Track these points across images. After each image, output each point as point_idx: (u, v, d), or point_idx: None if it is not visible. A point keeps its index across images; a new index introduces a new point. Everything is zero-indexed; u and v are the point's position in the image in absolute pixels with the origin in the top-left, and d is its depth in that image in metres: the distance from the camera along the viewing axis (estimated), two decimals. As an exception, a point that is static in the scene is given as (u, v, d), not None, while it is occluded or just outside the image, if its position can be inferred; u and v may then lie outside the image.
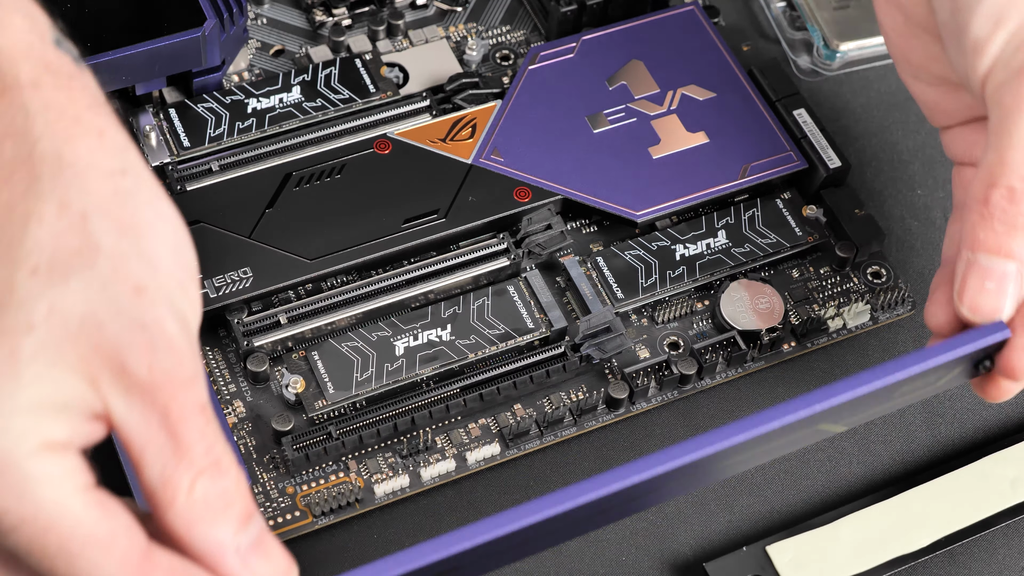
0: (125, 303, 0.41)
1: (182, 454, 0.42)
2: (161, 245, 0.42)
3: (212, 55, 0.60)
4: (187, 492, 0.42)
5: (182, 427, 0.42)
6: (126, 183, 0.42)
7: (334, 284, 0.59)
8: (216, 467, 0.42)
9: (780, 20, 0.68)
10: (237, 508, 0.43)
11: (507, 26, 0.68)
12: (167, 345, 0.41)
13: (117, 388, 0.41)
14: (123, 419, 0.41)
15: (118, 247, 0.41)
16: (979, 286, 0.49)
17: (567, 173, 0.61)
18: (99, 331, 0.41)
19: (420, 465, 0.56)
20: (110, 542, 0.41)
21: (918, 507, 0.56)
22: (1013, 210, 0.48)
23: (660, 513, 0.56)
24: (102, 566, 0.41)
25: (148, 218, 0.42)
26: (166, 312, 0.42)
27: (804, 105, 0.64)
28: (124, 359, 0.41)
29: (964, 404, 0.60)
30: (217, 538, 0.42)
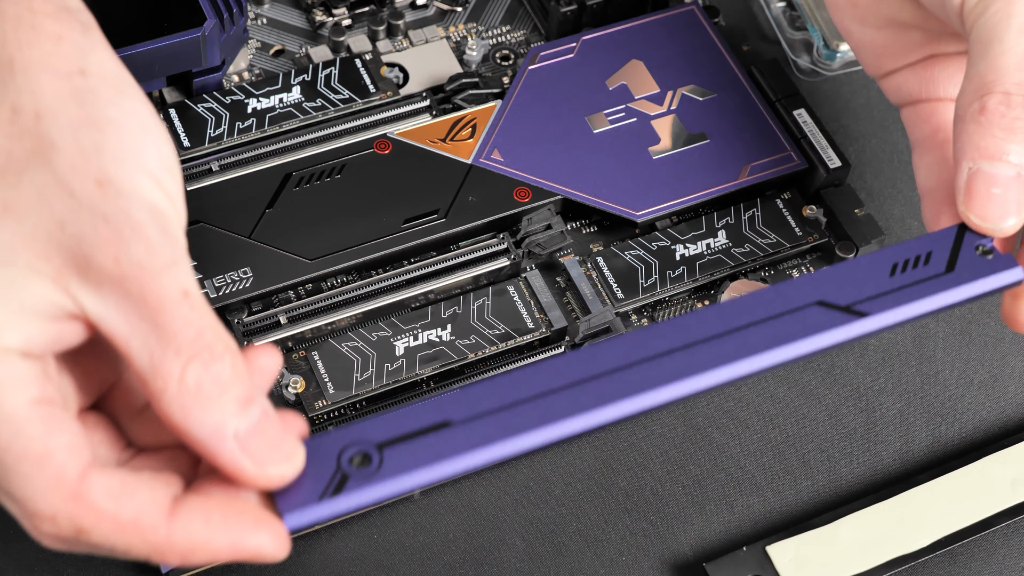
0: (86, 198, 0.41)
1: (168, 342, 0.41)
2: (126, 139, 0.42)
3: (212, 55, 0.60)
4: (178, 380, 0.41)
5: (163, 315, 0.41)
6: (85, 82, 0.42)
7: (334, 284, 0.59)
8: (208, 352, 0.41)
9: (780, 20, 0.68)
10: (234, 393, 0.42)
11: (507, 26, 0.68)
12: (134, 234, 0.41)
13: (86, 285, 0.41)
14: (99, 315, 0.41)
15: (76, 144, 0.41)
16: (986, 193, 0.50)
17: (567, 173, 0.61)
18: (60, 229, 0.41)
19: (420, 465, 0.56)
20: (45, 459, 0.41)
21: (918, 507, 0.56)
22: (1011, 115, 0.49)
23: (660, 513, 0.56)
24: (33, 481, 0.41)
25: (111, 115, 0.42)
26: (130, 203, 0.41)
27: (804, 105, 0.64)
28: (89, 254, 0.40)
29: (964, 404, 0.60)
30: (213, 424, 0.42)
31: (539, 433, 0.45)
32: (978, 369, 0.61)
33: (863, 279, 0.50)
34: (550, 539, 0.56)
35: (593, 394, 0.46)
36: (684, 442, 0.58)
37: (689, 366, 0.47)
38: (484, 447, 0.45)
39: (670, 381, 0.46)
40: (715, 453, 0.58)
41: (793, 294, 0.49)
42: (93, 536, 0.41)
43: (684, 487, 0.57)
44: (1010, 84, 0.49)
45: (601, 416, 0.46)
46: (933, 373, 0.61)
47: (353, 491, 0.43)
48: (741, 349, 0.48)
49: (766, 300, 0.49)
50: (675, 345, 0.47)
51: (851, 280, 0.50)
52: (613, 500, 0.57)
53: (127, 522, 0.41)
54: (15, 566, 0.53)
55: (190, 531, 0.42)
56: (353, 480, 0.43)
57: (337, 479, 0.44)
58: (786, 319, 0.48)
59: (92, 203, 0.41)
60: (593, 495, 0.57)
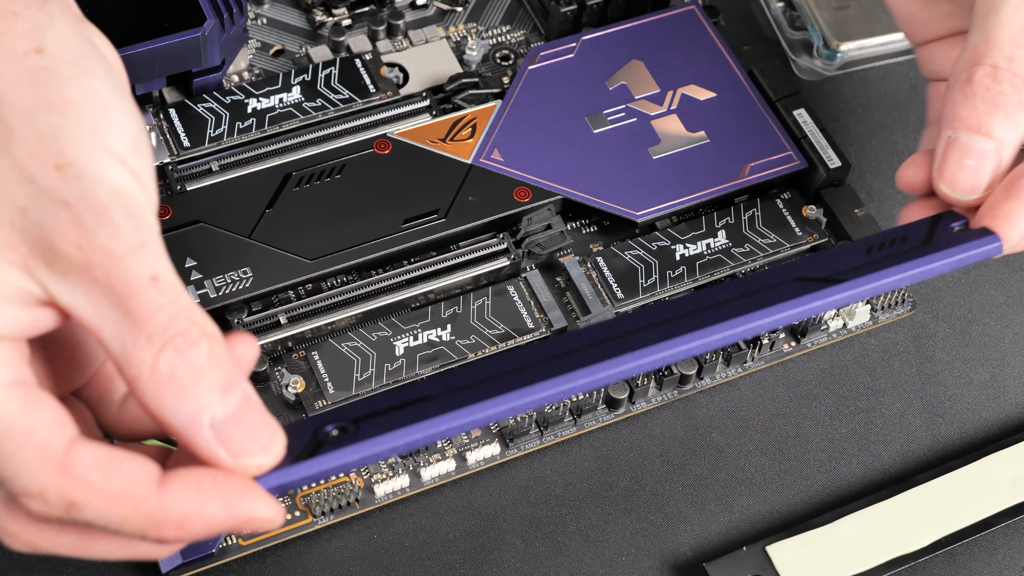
0: (45, 184, 0.40)
1: (139, 329, 0.40)
2: (86, 119, 0.41)
3: (212, 55, 0.61)
4: (151, 368, 0.40)
5: (132, 301, 0.40)
6: (42, 61, 0.41)
7: (334, 284, 0.59)
8: (183, 338, 0.40)
9: (780, 20, 0.68)
10: (211, 380, 0.41)
11: (507, 26, 0.68)
12: (97, 219, 0.40)
13: (53, 272, 0.40)
14: (69, 303, 0.40)
15: (34, 128, 0.40)
16: (959, 163, 0.50)
17: (567, 173, 0.61)
18: (22, 216, 0.40)
19: (420, 465, 0.56)
20: (27, 434, 0.40)
21: (918, 507, 0.56)
22: (996, 88, 0.50)
23: (660, 513, 0.56)
24: (18, 458, 0.40)
25: (70, 95, 0.41)
26: (93, 186, 0.40)
27: (804, 105, 0.64)
28: (52, 241, 0.40)
29: (964, 404, 0.60)
30: (188, 412, 0.41)
31: (512, 399, 0.45)
32: (978, 369, 0.61)
33: (840, 260, 0.50)
34: (550, 539, 0.56)
35: (568, 363, 0.46)
36: (684, 442, 0.58)
37: (663, 335, 0.47)
38: (456, 413, 0.44)
39: (644, 349, 0.46)
40: (715, 453, 0.58)
41: (771, 275, 0.49)
42: (85, 511, 0.40)
43: (684, 487, 0.57)
44: (1000, 58, 0.50)
45: (573, 384, 0.46)
46: (933, 373, 0.61)
47: (327, 454, 0.43)
48: (718, 317, 0.47)
49: (744, 282, 0.49)
50: (652, 321, 0.47)
51: (828, 261, 0.50)
52: (613, 500, 0.57)
53: (118, 493, 0.41)
54: (15, 566, 0.53)
55: (183, 499, 0.41)
56: (328, 446, 0.43)
57: (312, 447, 0.43)
58: (765, 293, 0.48)
59: (52, 188, 0.40)
60: (593, 495, 0.57)
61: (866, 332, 0.61)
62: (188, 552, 0.52)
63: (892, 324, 0.62)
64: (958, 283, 0.63)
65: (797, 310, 0.48)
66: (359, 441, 0.43)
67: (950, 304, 0.63)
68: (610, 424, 0.58)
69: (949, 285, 0.63)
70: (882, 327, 0.62)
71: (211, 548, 0.53)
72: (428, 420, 0.44)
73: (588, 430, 0.58)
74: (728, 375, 0.59)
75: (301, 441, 0.43)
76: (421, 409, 0.45)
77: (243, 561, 0.54)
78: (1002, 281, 0.64)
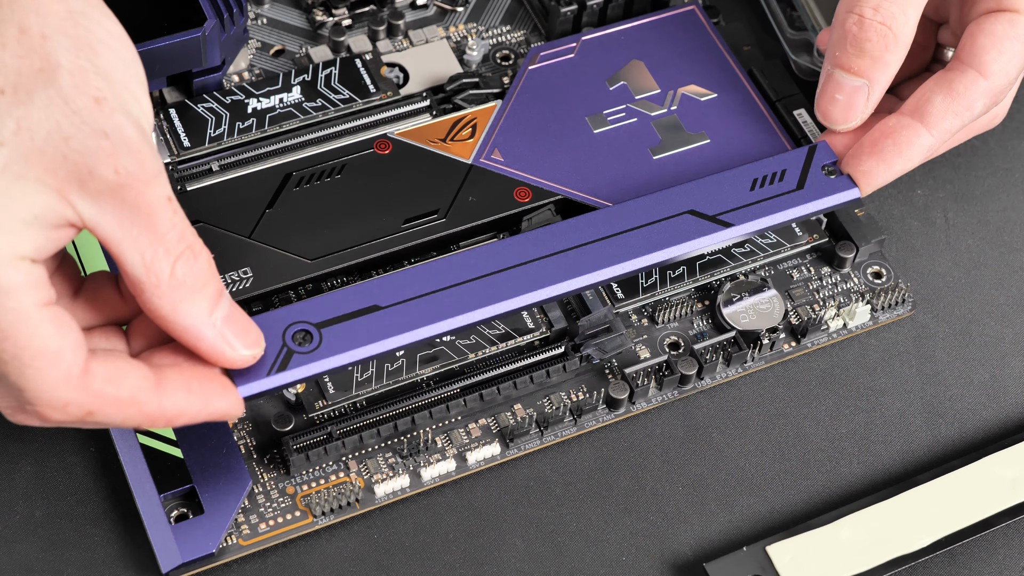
0: (87, 115, 0.45)
1: (159, 241, 0.46)
2: (114, 59, 0.46)
3: (212, 55, 0.60)
4: (168, 275, 0.47)
5: (154, 218, 0.46)
6: (77, 4, 0.46)
7: (334, 284, 0.59)
8: (191, 251, 0.47)
9: (780, 20, 0.68)
10: (211, 287, 0.48)
11: (507, 26, 0.68)
12: (128, 148, 0.45)
13: (86, 194, 0.45)
14: (96, 221, 0.45)
15: (76, 63, 0.45)
16: (831, 97, 0.58)
17: (567, 173, 0.61)
18: (65, 143, 0.44)
19: (420, 465, 0.56)
20: (58, 356, 0.45)
21: (918, 507, 0.56)
22: (861, 35, 0.57)
23: (660, 513, 0.56)
24: (48, 377, 0.45)
25: (100, 36, 0.46)
26: (124, 119, 0.45)
27: (804, 105, 0.64)
28: (91, 166, 0.45)
29: (964, 404, 0.60)
30: (198, 314, 0.48)
31: (449, 321, 0.54)
32: (978, 369, 0.61)
33: (728, 192, 0.58)
34: (550, 539, 0.56)
35: (494, 287, 0.55)
36: (684, 442, 0.58)
37: (583, 264, 0.56)
38: (406, 331, 0.53)
39: (564, 278, 0.55)
40: (715, 453, 0.58)
41: (668, 202, 0.58)
42: (98, 416, 0.47)
43: (684, 487, 0.57)
44: (867, 8, 0.57)
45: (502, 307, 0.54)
46: (933, 373, 0.61)
47: (296, 367, 0.51)
48: (625, 251, 0.56)
49: (646, 206, 0.57)
50: (571, 245, 0.56)
51: (719, 195, 0.58)
52: (613, 500, 0.57)
53: (126, 400, 0.47)
54: (15, 566, 0.53)
55: (175, 400, 0.48)
56: (296, 357, 0.51)
57: (283, 355, 0.52)
58: (663, 225, 0.57)
59: (93, 119, 0.45)
60: (593, 495, 0.57)
61: (866, 332, 0.61)
62: (188, 552, 0.52)
63: (892, 324, 0.62)
64: (958, 283, 0.63)
65: (692, 250, 0.57)
66: (323, 357, 0.52)
67: (950, 304, 0.63)
68: (610, 424, 0.58)
69: (949, 285, 0.63)
70: (882, 327, 0.62)
71: (211, 548, 0.53)
72: (384, 339, 0.53)
73: (588, 430, 0.58)
74: (728, 375, 0.59)
75: (271, 339, 0.52)
76: (376, 321, 0.53)
77: (243, 561, 0.54)
78: (1002, 281, 0.64)
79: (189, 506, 0.54)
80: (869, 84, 0.57)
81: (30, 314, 0.45)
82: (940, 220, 0.65)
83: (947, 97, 0.57)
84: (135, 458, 0.54)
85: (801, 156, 0.59)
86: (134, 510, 0.54)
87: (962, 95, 0.57)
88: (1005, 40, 0.57)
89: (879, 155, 0.58)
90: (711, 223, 0.57)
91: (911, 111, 0.58)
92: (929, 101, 0.58)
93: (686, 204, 0.58)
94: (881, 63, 0.57)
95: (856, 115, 0.58)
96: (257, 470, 0.55)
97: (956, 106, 0.57)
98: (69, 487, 0.55)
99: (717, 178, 0.58)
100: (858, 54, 0.57)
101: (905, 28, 0.57)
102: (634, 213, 0.57)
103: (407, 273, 0.54)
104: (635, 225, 0.57)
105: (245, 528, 0.54)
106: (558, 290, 0.55)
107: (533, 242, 0.56)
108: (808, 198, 0.58)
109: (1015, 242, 0.65)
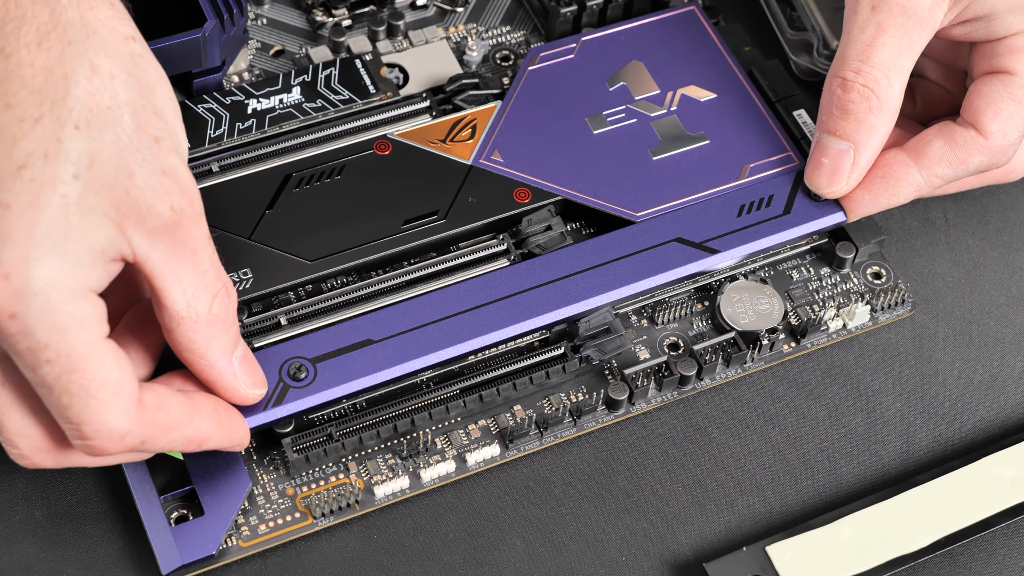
0: (148, 152, 0.47)
1: (200, 278, 0.48)
2: (167, 100, 0.49)
3: (212, 56, 0.61)
4: (207, 311, 0.49)
5: (198, 256, 0.48)
6: (137, 47, 0.48)
7: (334, 285, 0.59)
8: (226, 290, 0.49)
9: (780, 20, 0.68)
10: (236, 327, 0.50)
11: (507, 27, 0.68)
12: (181, 187, 0.47)
13: (143, 229, 0.47)
14: (147, 256, 0.47)
15: (138, 103, 0.47)
16: (817, 161, 0.59)
17: (567, 174, 0.61)
18: (129, 179, 0.46)
19: (420, 466, 0.56)
20: (120, 387, 0.46)
21: (918, 507, 0.56)
22: (845, 97, 0.58)
23: (660, 513, 0.57)
24: (111, 407, 0.46)
25: (155, 78, 0.48)
26: (177, 159, 0.48)
27: (804, 105, 0.64)
28: (151, 202, 0.47)
29: (964, 404, 0.60)
30: (224, 351, 0.50)
31: (440, 353, 0.55)
32: (978, 369, 0.61)
33: (714, 218, 0.59)
34: (550, 539, 0.56)
35: (483, 318, 0.56)
36: (684, 442, 0.58)
37: (572, 294, 0.57)
38: (398, 363, 0.55)
39: (553, 308, 0.57)
40: (715, 453, 0.58)
41: (655, 231, 0.59)
42: (148, 444, 0.48)
43: (684, 487, 0.57)
44: (848, 71, 0.57)
45: (492, 338, 0.56)
46: (933, 373, 0.61)
47: (292, 401, 0.54)
48: (613, 280, 0.57)
49: (634, 234, 0.59)
50: (560, 275, 0.57)
51: (705, 223, 0.59)
52: (613, 500, 0.57)
53: (172, 426, 0.49)
54: (15, 566, 0.54)
55: (205, 428, 0.50)
56: (292, 392, 0.54)
57: (279, 390, 0.54)
58: (650, 253, 0.58)
59: (153, 157, 0.47)
60: (593, 495, 0.57)
61: (866, 332, 0.61)
62: (188, 554, 0.53)
63: (892, 324, 0.62)
64: (958, 283, 0.63)
65: (680, 275, 0.58)
66: (318, 391, 0.54)
67: (950, 304, 0.63)
68: (610, 425, 0.58)
69: (949, 285, 0.63)
70: (882, 327, 0.62)
71: (211, 550, 0.53)
72: (377, 372, 0.55)
73: (588, 431, 0.58)
74: (728, 375, 0.59)
75: (268, 374, 0.54)
76: (369, 355, 0.55)
77: (243, 562, 0.54)
78: (1002, 281, 0.64)
79: (189, 507, 0.54)
80: (855, 148, 0.58)
81: (97, 346, 0.46)
82: (940, 220, 0.65)
83: (946, 145, 0.58)
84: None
85: (789, 181, 0.61)
86: (134, 511, 0.54)
87: (960, 147, 0.58)
88: (1001, 101, 0.58)
89: (867, 185, 0.59)
90: (698, 250, 0.58)
91: (910, 148, 0.59)
92: (929, 144, 0.59)
93: (673, 232, 0.59)
94: (866, 126, 0.57)
95: (841, 180, 0.59)
96: (257, 471, 0.55)
97: (952, 156, 0.58)
98: (69, 487, 0.56)
99: (704, 205, 0.60)
100: (842, 116, 0.58)
101: (889, 92, 0.57)
102: (621, 242, 0.58)
103: (399, 308, 0.56)
104: (623, 254, 0.58)
105: (245, 529, 0.54)
106: (548, 319, 0.57)
107: (522, 273, 0.57)
108: (794, 223, 0.59)
109: (1015, 242, 0.65)
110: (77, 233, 0.45)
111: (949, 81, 0.64)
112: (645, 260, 0.58)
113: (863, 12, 0.57)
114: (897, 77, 0.57)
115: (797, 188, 0.60)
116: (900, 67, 0.57)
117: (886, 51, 0.57)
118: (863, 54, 0.57)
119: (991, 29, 0.58)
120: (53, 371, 0.45)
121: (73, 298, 0.45)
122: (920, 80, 0.64)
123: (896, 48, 0.57)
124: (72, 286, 0.45)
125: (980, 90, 0.59)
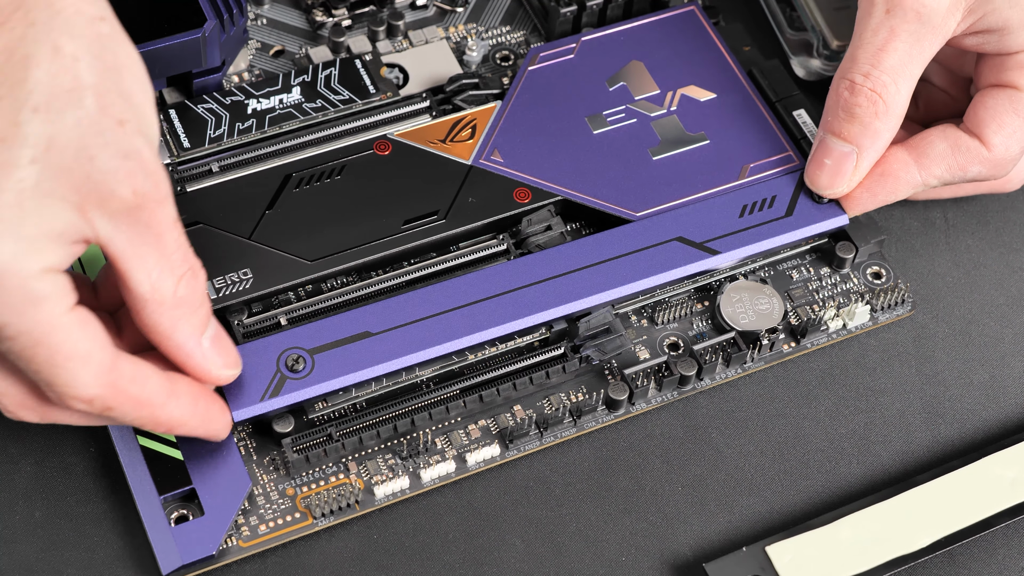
0: (111, 136, 0.46)
1: (165, 261, 0.48)
2: (135, 83, 0.48)
3: (212, 56, 0.61)
4: (172, 294, 0.49)
5: (163, 239, 0.48)
6: (105, 28, 0.47)
7: (334, 285, 0.59)
8: (192, 272, 0.49)
9: (780, 20, 0.68)
10: (205, 307, 0.50)
11: (507, 27, 0.68)
12: (145, 170, 0.47)
13: (104, 213, 0.46)
14: (109, 239, 0.47)
15: (103, 85, 0.46)
16: (819, 161, 0.59)
17: (567, 174, 0.61)
18: (90, 162, 0.46)
19: (420, 466, 0.56)
20: (88, 356, 0.47)
21: (918, 507, 0.56)
22: (852, 100, 0.57)
23: (660, 513, 0.57)
24: (80, 376, 0.47)
25: (123, 60, 0.47)
26: (142, 141, 0.47)
27: (804, 106, 0.64)
28: (112, 186, 0.46)
29: (964, 404, 0.60)
30: (192, 333, 0.50)
31: (438, 348, 0.55)
32: (978, 369, 0.61)
33: (716, 218, 0.59)
34: (550, 539, 0.56)
35: (482, 314, 0.56)
36: (684, 442, 0.58)
37: (572, 291, 0.57)
38: (396, 356, 0.55)
39: (553, 304, 0.57)
40: (715, 453, 0.58)
41: (657, 229, 0.59)
42: (115, 413, 0.49)
43: (684, 487, 0.57)
44: (857, 75, 0.57)
45: (490, 333, 0.56)
46: (933, 373, 0.61)
47: (289, 392, 0.54)
48: (614, 278, 0.58)
49: (635, 233, 0.59)
50: (560, 271, 0.58)
51: (708, 222, 0.59)
52: (613, 500, 0.57)
53: (144, 401, 0.49)
54: (15, 566, 0.54)
55: (183, 410, 0.51)
56: (290, 383, 0.54)
57: (276, 380, 0.54)
58: (651, 252, 0.58)
59: (116, 141, 0.46)
60: (593, 495, 0.57)
61: (866, 332, 0.61)
62: (188, 554, 0.53)
63: (892, 324, 0.62)
64: (958, 283, 0.63)
65: (681, 275, 0.58)
66: (315, 383, 0.54)
67: (950, 304, 0.63)
68: (609, 425, 0.58)
69: (949, 285, 0.63)
70: (882, 327, 0.62)
71: (211, 550, 0.53)
72: (374, 364, 0.55)
73: (588, 431, 0.58)
74: (728, 375, 0.59)
75: (266, 364, 0.54)
76: (367, 348, 0.55)
77: (243, 562, 0.54)
78: (1002, 281, 0.64)
79: (189, 508, 0.54)
80: (858, 152, 0.58)
81: (60, 320, 0.46)
82: (940, 220, 0.65)
83: (949, 149, 0.59)
84: (135, 459, 0.54)
85: (792, 182, 0.61)
86: (134, 511, 0.54)
87: (962, 153, 0.59)
88: (1006, 116, 0.58)
89: (866, 182, 0.59)
90: (699, 250, 0.58)
91: (911, 146, 0.59)
92: (932, 144, 0.59)
93: (674, 231, 0.59)
94: (871, 130, 0.58)
95: (843, 182, 0.59)
96: (257, 472, 0.55)
97: (952, 161, 0.59)
98: (69, 487, 0.56)
99: (706, 204, 0.60)
100: (848, 119, 0.58)
101: (896, 98, 0.57)
102: (622, 240, 0.59)
103: (398, 300, 0.56)
104: (623, 252, 0.58)
105: (245, 530, 0.54)
106: (546, 316, 0.57)
107: (521, 269, 0.57)
108: (796, 225, 0.60)
109: (1015, 242, 0.65)
110: (33, 217, 0.45)
111: (952, 87, 0.64)
112: (646, 259, 0.58)
113: (877, 14, 0.57)
114: (905, 83, 0.57)
115: (800, 190, 0.60)
116: (909, 73, 0.57)
117: (897, 56, 0.57)
118: (874, 58, 0.57)
119: (1003, 43, 0.58)
120: (16, 346, 0.46)
121: (28, 279, 0.45)
122: (923, 83, 0.64)
123: (907, 54, 0.57)
124: (26, 269, 0.45)
125: (986, 102, 0.59)
